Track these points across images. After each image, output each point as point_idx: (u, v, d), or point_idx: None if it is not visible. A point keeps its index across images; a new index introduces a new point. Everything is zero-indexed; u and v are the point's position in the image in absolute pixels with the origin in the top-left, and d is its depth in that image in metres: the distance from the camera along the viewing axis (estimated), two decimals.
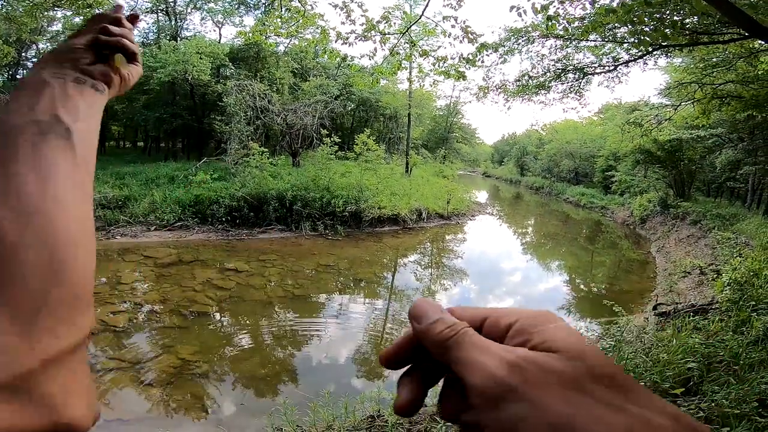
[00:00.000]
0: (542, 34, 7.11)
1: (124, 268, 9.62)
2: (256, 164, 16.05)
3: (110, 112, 27.53)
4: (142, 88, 23.37)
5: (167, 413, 4.81)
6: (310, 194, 14.60)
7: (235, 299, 8.32)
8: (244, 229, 13.51)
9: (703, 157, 17.16)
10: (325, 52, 5.70)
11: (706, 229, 13.02)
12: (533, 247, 16.79)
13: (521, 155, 45.80)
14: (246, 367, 5.88)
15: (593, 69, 7.79)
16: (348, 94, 25.29)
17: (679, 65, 11.60)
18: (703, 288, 7.88)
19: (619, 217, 21.04)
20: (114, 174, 16.87)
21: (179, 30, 27.54)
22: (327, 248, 12.61)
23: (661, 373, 2.95)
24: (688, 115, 12.06)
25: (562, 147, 32.84)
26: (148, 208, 13.46)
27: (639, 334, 4.72)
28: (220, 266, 10.18)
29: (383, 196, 16.38)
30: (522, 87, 8.21)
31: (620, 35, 6.57)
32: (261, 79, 21.31)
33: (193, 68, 20.01)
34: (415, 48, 5.46)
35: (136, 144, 37.47)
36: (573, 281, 11.70)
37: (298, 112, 18.70)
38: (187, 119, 24.05)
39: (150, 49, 23.66)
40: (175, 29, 27.32)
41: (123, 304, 7.67)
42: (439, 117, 44.09)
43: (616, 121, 21.00)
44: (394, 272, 11.57)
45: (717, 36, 6.00)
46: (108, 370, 5.53)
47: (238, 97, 17.23)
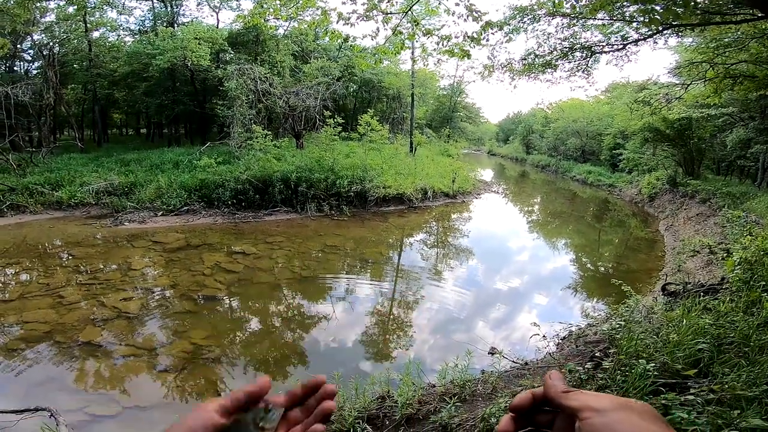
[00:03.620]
0: (548, 12, 6.87)
1: (134, 254, 9.74)
2: (260, 147, 16.01)
3: (111, 99, 27.40)
4: (142, 75, 23.23)
5: (182, 398, 4.93)
6: (314, 175, 14.59)
7: (243, 282, 8.42)
8: (250, 212, 13.58)
9: (713, 136, 16.85)
10: (326, 33, 5.56)
11: (715, 208, 12.87)
12: (540, 225, 16.73)
13: (527, 134, 45.21)
14: (257, 350, 5.99)
15: (601, 48, 7.55)
16: (350, 76, 24.93)
17: (689, 45, 11.27)
18: (712, 267, 7.83)
19: (627, 195, 20.85)
20: (119, 161, 16.92)
21: (176, 16, 27.19)
22: (333, 229, 12.65)
23: (672, 354, 2.95)
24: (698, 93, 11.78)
25: (569, 125, 32.35)
26: (154, 193, 13.54)
27: (648, 314, 4.72)
28: (227, 249, 10.26)
29: (388, 175, 16.34)
30: (528, 66, 8.00)
31: (629, 14, 6.34)
32: (261, 62, 21.05)
33: (192, 54, 19.80)
34: (418, 27, 5.31)
35: (139, 131, 37.40)
36: (580, 260, 11.69)
37: (300, 94, 18.49)
38: (189, 105, 23.95)
39: (147, 37, 23.41)
40: (172, 15, 26.96)
41: (134, 290, 7.80)
42: (442, 96, 43.49)
43: (624, 99, 20.57)
44: (400, 252, 11.61)
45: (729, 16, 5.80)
46: (123, 357, 5.66)
47: (239, 81, 17.05)
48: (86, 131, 28.73)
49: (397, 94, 31.06)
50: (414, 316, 7.45)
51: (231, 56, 21.28)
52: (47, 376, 5.19)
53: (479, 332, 6.76)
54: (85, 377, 5.23)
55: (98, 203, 13.31)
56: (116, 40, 27.00)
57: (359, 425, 3.38)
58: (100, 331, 6.26)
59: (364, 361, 5.94)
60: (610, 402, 0.45)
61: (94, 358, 5.60)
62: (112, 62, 24.94)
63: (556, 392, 0.50)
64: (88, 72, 23.98)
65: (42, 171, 14.79)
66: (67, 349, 5.78)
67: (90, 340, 5.94)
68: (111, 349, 5.83)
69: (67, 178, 14.16)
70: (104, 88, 25.20)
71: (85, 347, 5.81)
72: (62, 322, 6.41)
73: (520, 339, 6.53)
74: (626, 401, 0.45)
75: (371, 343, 6.45)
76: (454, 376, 4.14)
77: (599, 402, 0.45)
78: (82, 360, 5.57)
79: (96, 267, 8.94)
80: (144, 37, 24.43)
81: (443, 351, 6.12)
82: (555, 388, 0.50)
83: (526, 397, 0.52)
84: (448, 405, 3.42)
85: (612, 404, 0.44)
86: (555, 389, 0.50)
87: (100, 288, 7.75)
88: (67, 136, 28.77)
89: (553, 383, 0.51)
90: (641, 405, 0.45)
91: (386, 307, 7.84)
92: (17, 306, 6.93)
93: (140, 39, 24.82)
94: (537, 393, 0.52)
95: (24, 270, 8.92)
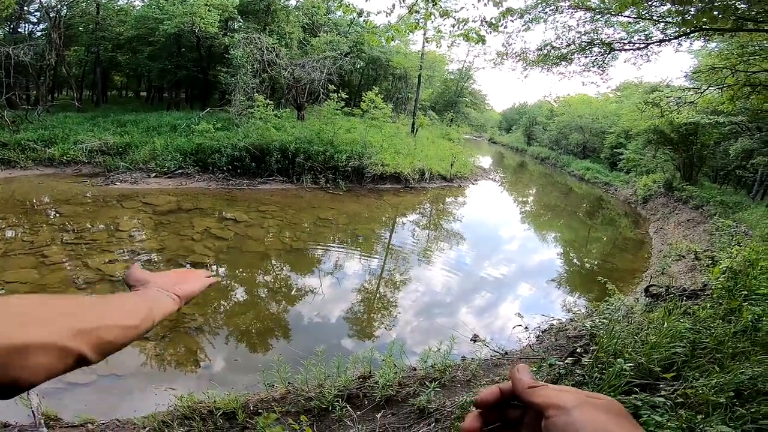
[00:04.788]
0: (573, 4, 6.70)
1: (123, 215, 9.63)
2: (261, 116, 15.77)
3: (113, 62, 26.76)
4: (147, 39, 22.73)
5: (161, 367, 4.90)
6: (313, 147, 14.45)
7: (233, 250, 8.39)
8: (245, 179, 13.47)
9: (717, 143, 16.85)
10: (340, 6, 5.38)
11: (707, 215, 12.97)
12: (532, 216, 16.82)
13: (530, 125, 44.90)
14: (240, 321, 6.00)
15: (622, 45, 7.39)
16: (358, 52, 24.47)
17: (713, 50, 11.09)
18: (695, 273, 7.94)
19: (622, 195, 20.93)
20: (115, 122, 16.59)
21: None
22: (327, 202, 12.62)
23: (648, 355, 3.01)
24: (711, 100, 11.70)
25: (573, 120, 32.16)
26: (148, 155, 13.33)
27: (628, 314, 4.80)
28: (219, 216, 10.20)
29: (387, 153, 16.24)
30: (543, 57, 7.86)
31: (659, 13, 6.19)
32: (270, 33, 20.59)
33: (200, 20, 19.26)
34: (436, 7, 5.16)
35: (139, 94, 36.61)
36: (567, 255, 11.80)
37: (306, 67, 18.14)
38: (192, 71, 23.51)
39: (156, 1, 22.68)
40: None
41: (120, 252, 7.70)
42: (449, 80, 42.91)
43: (633, 99, 20.37)
44: (392, 231, 11.63)
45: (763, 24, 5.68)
46: None
47: (245, 50, 16.67)
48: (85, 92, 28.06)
49: (404, 74, 30.57)
50: (400, 296, 7.51)
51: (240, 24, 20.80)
52: None
53: (463, 317, 6.85)
54: None
55: (91, 162, 13.10)
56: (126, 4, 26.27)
57: (339, 404, 3.43)
58: (82, 294, 6.19)
59: (347, 339, 6.00)
60: (575, 398, 0.43)
61: None
62: (119, 26, 24.35)
63: (522, 387, 0.48)
64: (93, 35, 23.40)
65: (36, 128, 14.46)
66: None
67: None
68: None
69: (61, 136, 13.85)
70: (108, 51, 24.62)
71: None
72: (43, 283, 6.27)
73: (502, 328, 6.64)
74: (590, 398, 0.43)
75: (356, 320, 6.52)
76: (436, 360, 4.20)
77: (563, 398, 0.43)
78: None
79: (83, 226, 8.81)
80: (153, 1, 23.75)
81: (426, 334, 6.20)
82: (521, 383, 0.48)
83: (493, 392, 0.50)
84: (428, 389, 3.47)
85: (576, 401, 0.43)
86: (521, 384, 0.48)
87: (86, 248, 7.63)
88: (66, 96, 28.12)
89: (520, 377, 0.49)
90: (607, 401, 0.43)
91: (373, 285, 7.89)
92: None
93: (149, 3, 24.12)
94: (504, 388, 0.50)
95: (9, 226, 8.71)
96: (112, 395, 4.33)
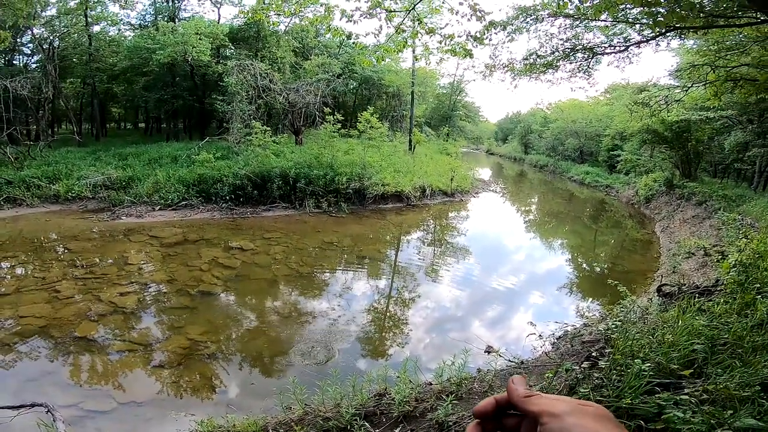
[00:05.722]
0: (552, 12, 6.89)
1: (131, 249, 9.70)
2: (259, 143, 15.96)
3: (110, 94, 27.25)
4: (141, 69, 23.09)
5: (178, 394, 4.91)
6: (313, 172, 14.56)
7: (241, 278, 8.41)
8: (248, 208, 13.56)
9: (711, 138, 16.90)
10: (329, 30, 5.55)
11: (711, 210, 12.94)
12: (536, 225, 16.79)
13: (525, 133, 45.22)
14: (253, 346, 5.98)
15: (603, 49, 7.57)
16: (350, 73, 24.90)
17: (691, 47, 11.28)
18: (707, 269, 7.88)
19: (624, 197, 20.93)
20: (116, 155, 16.84)
21: (177, 11, 27.07)
22: (331, 225, 12.65)
23: (666, 354, 2.98)
24: (698, 96, 11.82)
25: (567, 126, 32.42)
26: (152, 188, 13.49)
27: (643, 315, 4.76)
28: (225, 245, 10.24)
29: (387, 173, 16.33)
30: (529, 66, 8.01)
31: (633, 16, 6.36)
32: (262, 58, 21.00)
33: (192, 49, 19.72)
34: (421, 26, 5.31)
35: (137, 125, 37.25)
36: (576, 260, 11.74)
37: (300, 90, 18.46)
38: (188, 100, 23.87)
39: (148, 31, 23.29)
40: (173, 10, 26.85)
41: (131, 284, 7.76)
42: (442, 95, 43.48)
43: (623, 101, 20.60)
44: (397, 250, 11.62)
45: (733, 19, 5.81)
46: (119, 352, 5.64)
47: (239, 77, 17.01)
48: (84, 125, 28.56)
49: (397, 92, 31.03)
50: (411, 314, 7.47)
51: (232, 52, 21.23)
52: (42, 370, 5.17)
53: (475, 331, 6.79)
54: (81, 372, 5.22)
55: (95, 197, 13.26)
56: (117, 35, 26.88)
57: (357, 422, 3.39)
58: (96, 326, 6.24)
59: (361, 358, 5.95)
60: (567, 406, 0.47)
61: (89, 353, 5.58)
62: (112, 56, 24.82)
63: (518, 397, 0.51)
64: (87, 66, 23.86)
65: (39, 164, 14.72)
66: (62, 344, 5.76)
67: (85, 335, 5.93)
68: (106, 344, 5.81)
69: (65, 172, 14.08)
70: (103, 82, 25.10)
71: (80, 342, 5.79)
72: (58, 317, 6.38)
73: (516, 338, 6.57)
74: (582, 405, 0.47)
75: (368, 340, 6.47)
76: (451, 374, 4.16)
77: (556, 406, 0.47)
78: (78, 355, 5.55)
79: (92, 261, 8.90)
80: (145, 31, 24.30)
81: (439, 349, 6.14)
82: (517, 393, 0.52)
83: (489, 403, 0.54)
84: (445, 403, 3.43)
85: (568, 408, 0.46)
86: (517, 393, 0.52)
87: (96, 282, 7.71)
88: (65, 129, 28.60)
89: (516, 388, 0.52)
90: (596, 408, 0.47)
91: (383, 304, 7.85)
92: (13, 300, 6.89)
93: (141, 34, 24.70)
94: (500, 398, 0.54)
95: (20, 264, 8.87)
96: (133, 422, 4.35)
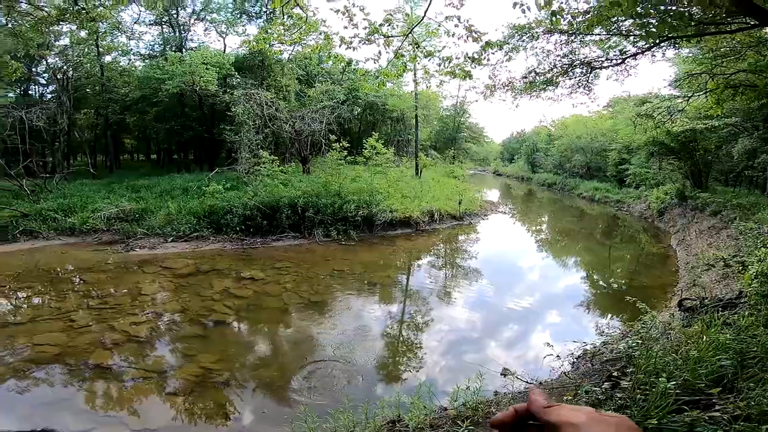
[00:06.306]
0: (546, 29, 7.03)
1: (144, 280, 9.78)
2: (267, 172, 16.17)
3: (122, 125, 28.07)
4: (152, 100, 23.77)
5: (191, 421, 4.87)
6: (321, 200, 14.63)
7: (252, 307, 8.37)
8: (258, 238, 13.61)
9: (718, 147, 16.73)
10: (330, 57, 5.70)
11: (727, 220, 12.67)
12: (548, 244, 16.57)
13: (531, 152, 45.29)
14: (265, 374, 5.90)
15: (600, 63, 7.66)
16: (354, 99, 25.38)
17: (687, 56, 11.35)
18: (729, 281, 7.65)
19: (636, 211, 20.67)
20: (129, 187, 17.21)
21: (184, 41, 28.02)
22: (341, 254, 12.61)
23: (693, 371, 2.86)
24: (701, 105, 11.76)
25: (573, 142, 32.41)
26: (164, 219, 13.67)
27: (665, 331, 4.60)
28: (236, 275, 10.25)
29: (394, 199, 16.35)
30: (529, 84, 8.12)
31: (626, 28, 6.45)
32: (267, 87, 21.51)
33: (200, 79, 20.34)
34: (419, 49, 5.43)
35: (149, 156, 38.19)
36: (591, 277, 11.50)
37: (306, 118, 18.81)
38: (198, 130, 24.41)
39: (156, 62, 24.07)
40: (180, 40, 27.81)
41: (144, 314, 7.80)
42: (446, 117, 44.04)
43: (626, 114, 20.62)
44: (408, 275, 11.52)
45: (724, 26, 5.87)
46: (133, 379, 5.63)
47: (246, 106, 17.40)
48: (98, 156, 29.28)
49: (401, 116, 31.48)
50: (424, 338, 7.34)
51: (238, 81, 21.81)
52: (57, 397, 5.18)
53: (491, 353, 6.62)
54: (95, 399, 5.21)
55: (109, 229, 13.45)
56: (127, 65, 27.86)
57: None
58: (110, 354, 6.26)
59: (375, 384, 5.82)
60: (587, 416, 0.48)
61: (103, 380, 5.58)
62: (124, 87, 25.64)
63: (538, 407, 0.53)
64: (100, 96, 24.65)
65: (55, 197, 15.07)
66: (76, 371, 5.78)
67: (100, 363, 5.94)
68: (120, 372, 5.80)
69: (80, 204, 14.38)
70: (116, 113, 25.80)
71: (95, 369, 5.80)
72: (73, 345, 6.44)
73: (534, 359, 6.38)
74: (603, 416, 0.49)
75: (381, 365, 6.34)
76: (467, 398, 4.04)
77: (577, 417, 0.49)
78: (92, 382, 5.55)
79: (107, 292, 8.98)
80: (153, 61, 25.14)
81: (454, 373, 5.98)
82: (537, 404, 0.54)
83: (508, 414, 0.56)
84: (461, 429, 3.32)
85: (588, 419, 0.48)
86: (537, 404, 0.54)
87: (111, 312, 7.76)
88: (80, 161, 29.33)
89: (536, 398, 0.55)
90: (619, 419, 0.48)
91: (396, 329, 7.73)
92: (28, 329, 6.97)
93: (150, 64, 25.54)
94: (520, 408, 0.56)
95: (36, 294, 9.00)
96: None
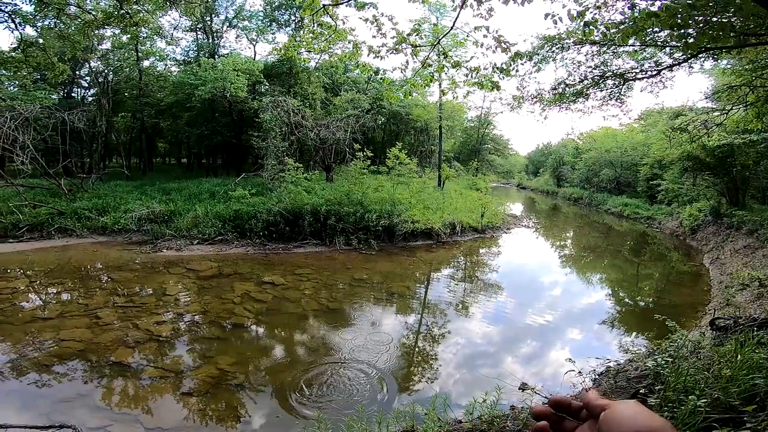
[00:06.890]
0: (577, 40, 6.90)
1: (169, 280, 10.07)
2: (292, 179, 16.45)
3: (157, 129, 29.22)
4: (185, 105, 24.71)
5: (203, 422, 4.91)
6: (343, 209, 14.74)
7: (271, 312, 8.47)
8: (280, 244, 13.81)
9: (756, 163, 15.98)
10: (357, 66, 5.78)
11: (763, 239, 12.07)
12: (572, 259, 16.12)
13: (557, 165, 44.30)
14: (280, 379, 5.92)
15: (634, 74, 7.44)
16: (378, 108, 25.58)
17: (726, 68, 10.96)
18: (764, 301, 7.25)
19: (667, 228, 19.91)
20: (160, 189, 17.90)
21: (217, 48, 29.07)
22: (361, 262, 12.63)
23: (725, 390, 2.71)
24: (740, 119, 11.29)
25: (601, 156, 31.50)
26: (191, 222, 14.08)
27: (696, 350, 4.39)
28: (257, 279, 10.41)
29: (416, 209, 16.30)
30: (558, 95, 7.97)
31: (662, 39, 6.27)
32: (294, 94, 21.98)
33: (231, 85, 20.98)
34: (447, 59, 5.42)
35: (180, 160, 39.64)
36: (617, 295, 11.11)
37: (331, 126, 19.07)
38: (227, 135, 25.17)
39: (191, 67, 25.02)
40: (213, 47, 28.87)
41: (167, 314, 8.02)
42: (470, 128, 43.84)
43: (659, 127, 19.98)
44: (427, 287, 11.42)
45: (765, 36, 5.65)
46: (151, 378, 5.75)
47: (273, 113, 17.80)
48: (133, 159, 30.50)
49: (425, 127, 31.51)
50: (440, 350, 7.24)
51: (266, 88, 22.36)
52: (76, 392, 5.33)
53: (508, 367, 6.46)
54: (112, 396, 5.33)
55: (139, 230, 13.96)
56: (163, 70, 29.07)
57: None
58: (132, 351, 6.43)
59: (389, 394, 5.73)
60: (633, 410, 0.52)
61: (122, 378, 5.72)
62: (159, 91, 26.79)
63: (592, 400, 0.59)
64: (137, 101, 25.79)
65: (90, 196, 15.77)
66: (97, 367, 5.96)
67: (121, 360, 6.10)
68: (140, 370, 5.94)
69: (113, 205, 15.01)
70: (151, 116, 26.94)
71: (115, 367, 5.96)
72: (96, 342, 6.65)
73: (553, 374, 6.19)
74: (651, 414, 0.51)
75: (396, 375, 6.26)
76: (482, 411, 3.95)
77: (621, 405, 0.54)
78: (111, 379, 5.69)
79: (133, 291, 9.29)
80: (188, 67, 26.15)
81: (469, 386, 5.86)
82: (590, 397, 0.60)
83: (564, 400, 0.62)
84: None
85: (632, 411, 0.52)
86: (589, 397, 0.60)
87: (136, 311, 8.01)
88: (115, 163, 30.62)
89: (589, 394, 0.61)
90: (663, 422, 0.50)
91: (412, 339, 7.66)
92: (55, 324, 7.25)
93: (184, 69, 26.58)
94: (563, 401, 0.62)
95: (66, 290, 9.40)
96: None
